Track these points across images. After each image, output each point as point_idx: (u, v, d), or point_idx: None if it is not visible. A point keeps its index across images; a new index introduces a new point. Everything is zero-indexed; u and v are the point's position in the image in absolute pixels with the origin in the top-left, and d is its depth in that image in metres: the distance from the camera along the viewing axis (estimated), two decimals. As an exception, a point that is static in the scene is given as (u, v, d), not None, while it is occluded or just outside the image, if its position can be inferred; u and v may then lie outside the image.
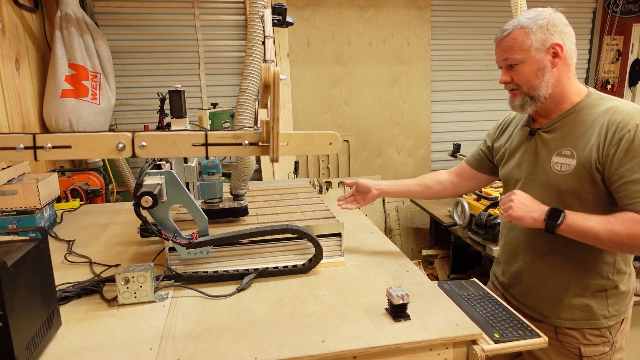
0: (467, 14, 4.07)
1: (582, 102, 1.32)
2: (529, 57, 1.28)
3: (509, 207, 1.28)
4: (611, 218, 1.21)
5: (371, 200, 1.66)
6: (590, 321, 1.37)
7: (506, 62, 1.32)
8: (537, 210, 1.26)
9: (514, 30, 1.29)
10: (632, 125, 1.20)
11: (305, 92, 3.89)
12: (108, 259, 1.64)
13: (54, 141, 1.10)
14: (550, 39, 1.28)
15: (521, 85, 1.32)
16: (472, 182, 1.70)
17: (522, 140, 1.45)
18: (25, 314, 1.00)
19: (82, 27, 2.95)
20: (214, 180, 1.64)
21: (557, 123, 1.35)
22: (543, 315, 1.44)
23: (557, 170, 1.31)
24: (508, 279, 1.56)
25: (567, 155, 1.29)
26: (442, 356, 1.15)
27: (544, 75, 1.29)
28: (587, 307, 1.37)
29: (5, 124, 2.45)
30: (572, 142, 1.29)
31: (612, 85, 4.52)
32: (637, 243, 1.18)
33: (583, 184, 1.27)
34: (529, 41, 1.27)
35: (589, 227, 1.21)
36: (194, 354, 1.07)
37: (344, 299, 1.34)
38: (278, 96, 1.09)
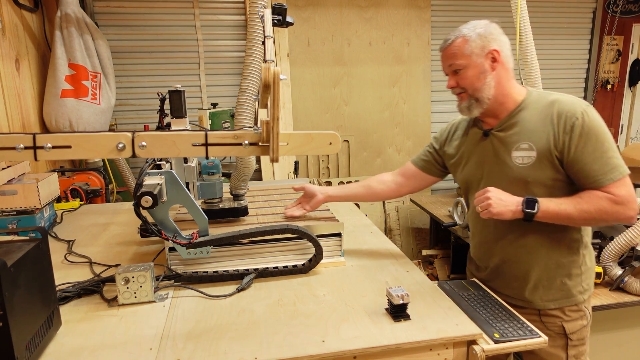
0: (467, 14, 4.08)
1: (526, 100, 1.45)
2: (470, 62, 1.40)
3: (488, 204, 1.35)
4: (578, 198, 1.34)
5: (317, 205, 1.69)
6: (569, 298, 1.49)
7: (451, 67, 1.44)
8: (513, 203, 1.36)
9: (456, 40, 1.42)
10: (579, 113, 1.34)
11: (305, 92, 3.89)
12: (108, 259, 1.64)
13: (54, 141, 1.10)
14: (488, 45, 1.40)
15: (466, 88, 1.43)
16: (416, 183, 1.74)
17: (476, 142, 1.53)
18: (25, 314, 1.00)
19: (82, 27, 2.95)
20: (214, 180, 1.64)
21: (508, 121, 1.45)
22: (526, 300, 1.51)
23: (520, 163, 1.40)
24: (487, 274, 1.60)
25: (526, 149, 1.39)
26: (442, 356, 1.15)
27: (486, 78, 1.41)
28: (564, 285, 1.48)
29: (5, 124, 2.45)
30: (528, 135, 1.40)
31: (612, 85, 4.53)
32: (604, 216, 1.33)
33: (546, 171, 1.38)
34: (470, 48, 1.40)
35: (562, 210, 1.34)
36: (194, 354, 1.07)
37: (344, 299, 1.34)
38: (278, 96, 1.09)
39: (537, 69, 2.44)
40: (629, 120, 4.75)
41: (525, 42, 2.42)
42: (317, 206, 1.69)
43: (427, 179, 1.72)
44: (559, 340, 1.50)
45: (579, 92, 4.52)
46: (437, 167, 1.70)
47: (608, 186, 1.32)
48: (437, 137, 1.72)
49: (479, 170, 1.52)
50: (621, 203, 1.31)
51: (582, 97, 4.53)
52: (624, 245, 2.14)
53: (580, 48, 4.42)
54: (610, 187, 1.32)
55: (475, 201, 1.39)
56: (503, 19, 4.57)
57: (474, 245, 1.66)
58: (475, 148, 1.53)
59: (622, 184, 1.32)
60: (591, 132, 1.33)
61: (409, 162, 1.77)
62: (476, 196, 1.40)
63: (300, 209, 1.67)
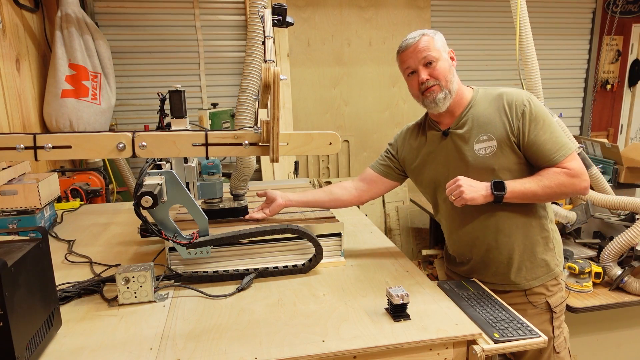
0: (467, 14, 4.08)
1: (475, 97, 1.55)
2: (441, 55, 1.49)
3: (460, 192, 1.41)
4: (539, 176, 1.45)
5: (277, 209, 1.68)
6: (550, 273, 1.58)
7: (425, 59, 1.48)
8: (483, 187, 1.44)
9: (423, 37, 1.49)
10: (525, 100, 1.47)
11: (305, 92, 3.89)
12: (108, 259, 1.64)
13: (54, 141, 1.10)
14: (445, 46, 1.53)
15: (440, 79, 1.49)
16: (377, 188, 1.76)
17: (437, 143, 1.59)
18: (26, 313, 1.00)
19: (82, 27, 2.95)
20: (214, 180, 1.64)
21: (463, 118, 1.53)
22: (512, 284, 1.57)
23: (483, 154, 1.49)
24: (470, 267, 1.63)
25: (486, 140, 1.49)
26: (442, 356, 1.15)
27: (453, 72, 1.52)
28: (544, 261, 1.57)
29: (6, 124, 2.45)
30: (484, 127, 1.49)
31: (611, 85, 4.53)
32: (564, 189, 1.44)
33: (508, 157, 1.48)
34: (437, 44, 1.50)
35: (527, 188, 1.44)
36: (194, 353, 1.07)
37: (344, 299, 1.34)
38: (278, 96, 1.09)
39: (537, 69, 2.44)
40: (629, 120, 4.75)
41: (525, 42, 2.42)
42: (277, 210, 1.68)
43: (386, 184, 1.75)
44: (545, 315, 1.57)
45: (579, 92, 4.53)
46: (395, 171, 1.74)
47: (562, 162, 1.44)
48: (392, 143, 1.77)
49: (444, 168, 1.57)
50: (576, 175, 1.43)
51: (581, 98, 4.54)
52: (623, 245, 2.14)
53: (580, 48, 4.42)
54: (564, 163, 1.44)
55: (447, 191, 1.45)
56: (503, 19, 4.56)
57: (453, 242, 1.69)
58: (437, 148, 1.59)
59: (573, 158, 1.45)
60: (539, 116, 1.45)
61: (368, 169, 1.80)
62: (447, 187, 1.46)
63: (260, 213, 1.68)
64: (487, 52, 4.15)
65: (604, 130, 4.68)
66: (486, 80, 4.19)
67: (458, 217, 1.60)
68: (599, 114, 4.59)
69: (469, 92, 1.57)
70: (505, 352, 1.19)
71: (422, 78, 1.50)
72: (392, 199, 4.14)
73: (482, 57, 4.17)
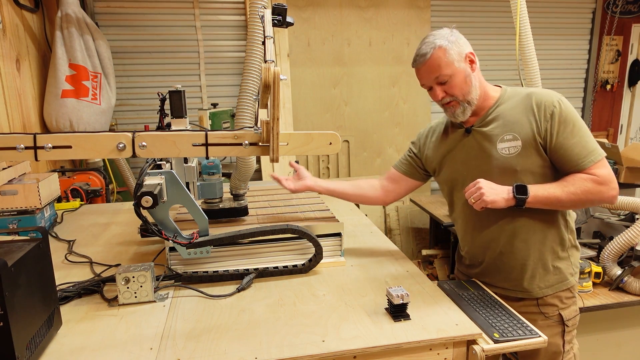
0: (467, 14, 4.08)
1: (503, 95, 1.51)
2: (455, 70, 1.43)
3: (481, 194, 1.37)
4: (564, 182, 1.40)
5: (302, 189, 1.72)
6: (563, 282, 1.53)
7: (437, 79, 1.45)
8: (504, 191, 1.40)
9: (434, 51, 1.43)
10: (555, 101, 1.41)
11: (305, 92, 3.89)
12: (108, 259, 1.64)
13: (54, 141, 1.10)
14: (463, 50, 1.46)
15: (457, 96, 1.45)
16: (401, 188, 1.76)
17: (458, 141, 1.55)
18: (26, 313, 1.00)
19: (82, 28, 2.95)
20: (214, 180, 1.64)
21: (489, 117, 1.49)
22: (526, 291, 1.53)
23: (507, 154, 1.44)
24: (482, 269, 1.60)
25: (511, 139, 1.44)
26: (442, 356, 1.15)
27: (471, 81, 1.46)
28: (557, 269, 1.52)
29: (6, 124, 2.45)
30: (510, 127, 1.44)
31: (611, 85, 4.53)
32: (590, 197, 1.38)
33: (533, 159, 1.43)
34: (451, 56, 1.43)
35: (551, 194, 1.38)
36: (194, 353, 1.07)
37: (344, 299, 1.34)
38: (278, 96, 1.09)
39: (537, 69, 2.44)
40: (629, 120, 4.75)
41: (525, 42, 2.42)
42: (301, 189, 1.72)
43: (410, 183, 1.74)
44: (557, 328, 1.53)
45: (579, 92, 4.53)
46: (419, 170, 1.72)
47: (590, 168, 1.38)
48: (415, 141, 1.74)
49: (463, 167, 1.54)
50: (604, 183, 1.37)
51: (581, 98, 4.54)
52: (623, 245, 2.15)
53: (580, 48, 4.42)
54: (592, 169, 1.38)
55: (467, 194, 1.42)
56: (503, 19, 4.57)
57: (466, 243, 1.66)
58: (458, 146, 1.55)
59: (602, 165, 1.39)
60: (568, 118, 1.40)
61: (391, 168, 1.78)
62: (466, 190, 1.42)
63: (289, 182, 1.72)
64: (487, 52, 4.15)
65: (603, 130, 4.68)
66: (486, 80, 4.18)
67: (474, 218, 1.56)
68: (599, 114, 4.59)
69: (495, 91, 1.53)
70: (505, 352, 1.19)
71: (436, 97, 1.47)
72: (392, 199, 4.14)
73: (482, 57, 4.12)
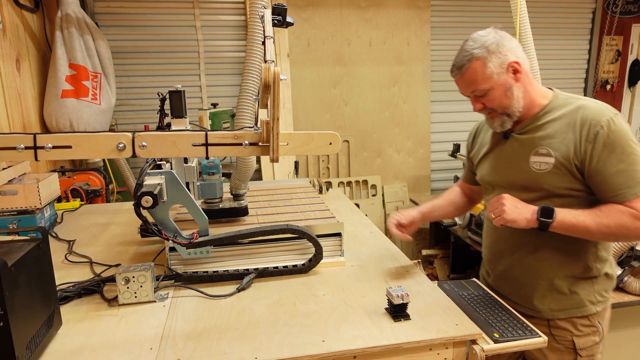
0: (467, 14, 4.07)
1: (551, 103, 1.38)
2: (494, 83, 1.32)
3: (502, 211, 1.30)
4: (597, 211, 1.27)
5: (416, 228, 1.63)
6: (580, 308, 1.41)
7: (474, 93, 1.37)
8: (529, 211, 1.30)
9: (471, 64, 1.32)
10: (604, 121, 1.26)
11: (305, 92, 3.89)
12: (108, 259, 1.64)
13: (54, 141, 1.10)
14: (506, 59, 1.32)
15: (495, 108, 1.37)
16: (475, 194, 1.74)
17: (495, 143, 1.49)
18: (26, 313, 1.00)
19: (82, 28, 2.95)
20: (214, 180, 1.64)
21: (530, 125, 1.39)
22: (535, 310, 1.45)
23: (537, 169, 1.35)
24: (494, 278, 1.57)
25: (544, 154, 1.34)
26: (442, 356, 1.15)
27: (513, 93, 1.34)
28: (574, 293, 1.41)
29: (6, 124, 2.45)
30: (547, 140, 1.34)
31: (611, 85, 4.52)
32: (625, 232, 1.25)
33: (563, 180, 1.32)
34: (489, 69, 1.31)
35: (580, 222, 1.27)
36: (194, 353, 1.07)
37: (344, 299, 1.34)
38: (278, 96, 1.09)
39: (537, 69, 2.44)
40: (629, 120, 4.75)
41: (525, 42, 2.42)
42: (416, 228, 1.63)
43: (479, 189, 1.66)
44: (568, 355, 1.44)
45: (579, 92, 4.52)
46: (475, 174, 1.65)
47: (632, 201, 1.24)
48: (466, 145, 1.68)
49: (494, 172, 1.48)
50: None
51: (582, 97, 4.54)
52: (623, 244, 2.15)
53: (580, 48, 4.42)
54: (634, 202, 1.24)
55: (489, 207, 1.36)
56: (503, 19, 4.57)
57: (484, 247, 1.63)
58: (495, 149, 1.49)
59: None
60: (616, 142, 1.25)
61: (461, 181, 1.75)
62: (490, 202, 1.36)
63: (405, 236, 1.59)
64: (487, 52, 4.15)
65: (604, 130, 4.67)
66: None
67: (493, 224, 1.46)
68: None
69: (545, 97, 1.40)
70: (506, 352, 1.19)
71: (474, 109, 1.39)
72: (392, 199, 4.14)
73: (482, 57, 4.16)
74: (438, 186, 4.32)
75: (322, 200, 1.91)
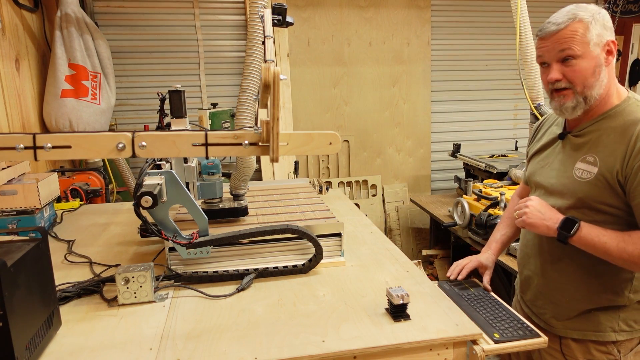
0: (467, 14, 4.07)
1: (619, 106, 1.24)
2: (588, 52, 1.18)
3: (524, 212, 1.27)
4: (626, 236, 1.18)
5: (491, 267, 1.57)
6: (597, 332, 1.30)
7: (563, 54, 1.20)
8: (552, 219, 1.24)
9: (572, 23, 1.18)
10: None
11: (305, 92, 3.89)
12: (108, 259, 1.64)
13: (54, 141, 1.10)
14: (606, 35, 1.20)
15: (575, 84, 1.21)
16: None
17: (551, 142, 1.40)
18: (25, 314, 1.00)
19: (82, 27, 2.95)
20: (214, 180, 1.64)
21: (588, 127, 1.27)
22: (549, 324, 1.39)
23: (578, 176, 1.25)
24: (521, 284, 1.52)
25: (590, 162, 1.23)
26: (442, 356, 1.15)
27: (600, 74, 1.20)
28: (594, 316, 1.30)
29: (5, 124, 2.45)
30: (598, 149, 1.23)
31: (612, 85, 4.52)
32: None
33: (603, 194, 1.21)
34: (589, 35, 1.17)
35: (601, 242, 1.18)
36: (194, 354, 1.07)
37: (344, 299, 1.34)
38: (278, 96, 1.09)
39: (537, 69, 2.44)
40: (629, 120, 4.75)
41: (525, 42, 2.42)
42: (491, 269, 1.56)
43: None
44: None
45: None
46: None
47: None
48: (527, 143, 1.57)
49: (540, 172, 1.40)
50: None
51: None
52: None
53: (580, 48, 4.42)
54: None
55: (516, 207, 1.31)
56: (503, 19, 4.56)
57: (518, 249, 1.56)
58: (547, 149, 1.40)
59: None
60: None
61: (521, 184, 1.63)
62: (519, 202, 1.32)
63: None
64: (487, 52, 4.15)
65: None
66: (486, 80, 4.19)
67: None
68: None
69: (618, 96, 1.26)
70: (506, 352, 1.18)
71: (551, 77, 1.22)
72: (392, 199, 4.14)
73: (482, 57, 4.16)
74: (438, 186, 4.32)
75: (322, 200, 1.91)
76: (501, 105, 4.27)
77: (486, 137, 4.26)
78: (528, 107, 2.52)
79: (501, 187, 2.79)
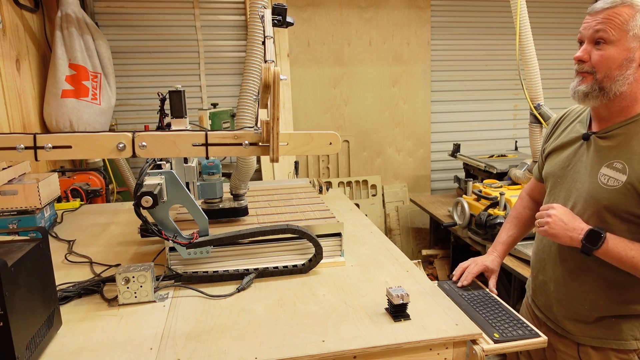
0: (467, 14, 4.07)
1: None
2: (623, 41, 1.13)
3: (546, 222, 1.22)
4: None
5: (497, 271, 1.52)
6: (617, 341, 1.26)
7: (597, 35, 1.15)
8: (576, 229, 1.19)
9: (620, 6, 1.13)
10: None
11: (305, 92, 3.89)
12: (108, 259, 1.64)
13: (54, 141, 1.10)
14: None
15: (597, 70, 1.16)
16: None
17: (573, 141, 1.32)
18: (26, 313, 1.00)
19: (82, 27, 2.95)
20: (214, 180, 1.64)
21: (615, 130, 1.20)
22: (566, 330, 1.34)
23: (604, 183, 1.19)
24: (534, 288, 1.47)
25: (618, 169, 1.17)
26: (442, 356, 1.15)
27: (628, 69, 1.14)
28: (615, 324, 1.26)
29: (6, 124, 2.45)
30: (627, 154, 1.16)
31: (612, 85, 4.52)
32: None
33: (629, 203, 1.16)
34: (632, 23, 1.12)
35: (629, 257, 1.14)
36: (194, 353, 1.07)
37: (344, 299, 1.34)
38: (278, 96, 1.09)
39: (537, 69, 2.45)
40: (629, 120, 4.75)
41: (525, 42, 2.42)
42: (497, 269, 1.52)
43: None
44: None
45: (579, 92, 4.52)
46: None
47: None
48: (544, 137, 1.51)
49: (560, 171, 1.33)
50: None
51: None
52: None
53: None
54: None
55: (537, 214, 1.26)
56: (503, 19, 4.56)
57: (532, 252, 1.51)
58: (570, 148, 1.32)
59: None
60: None
61: (532, 180, 1.58)
62: (541, 209, 1.26)
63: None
64: (487, 52, 4.15)
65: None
66: (486, 80, 4.19)
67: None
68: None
69: None
70: (506, 352, 1.18)
71: (576, 55, 1.18)
72: (392, 199, 4.14)
73: (482, 57, 4.16)
74: (438, 186, 4.32)
75: (322, 200, 1.91)
76: (501, 105, 4.27)
77: (486, 137, 4.26)
78: (528, 108, 2.52)
79: (501, 187, 2.79)
